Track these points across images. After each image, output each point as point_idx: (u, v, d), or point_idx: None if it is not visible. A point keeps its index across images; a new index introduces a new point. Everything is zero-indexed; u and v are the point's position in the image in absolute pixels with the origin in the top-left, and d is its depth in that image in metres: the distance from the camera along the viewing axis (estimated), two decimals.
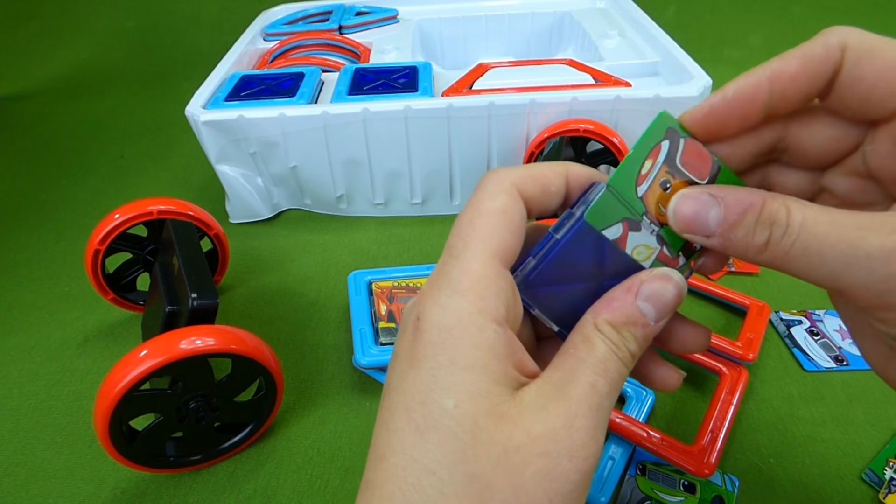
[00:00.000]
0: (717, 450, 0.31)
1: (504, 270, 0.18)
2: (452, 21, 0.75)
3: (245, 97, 0.52)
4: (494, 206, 0.18)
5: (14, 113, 0.86)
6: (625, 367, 0.18)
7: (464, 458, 0.16)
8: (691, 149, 0.19)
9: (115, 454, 0.31)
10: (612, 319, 0.18)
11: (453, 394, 0.16)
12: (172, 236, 0.38)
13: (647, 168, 0.19)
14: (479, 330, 0.17)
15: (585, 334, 0.18)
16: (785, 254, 0.16)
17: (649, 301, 0.18)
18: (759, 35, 0.93)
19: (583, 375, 0.17)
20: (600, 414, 0.17)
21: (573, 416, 0.17)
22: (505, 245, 0.18)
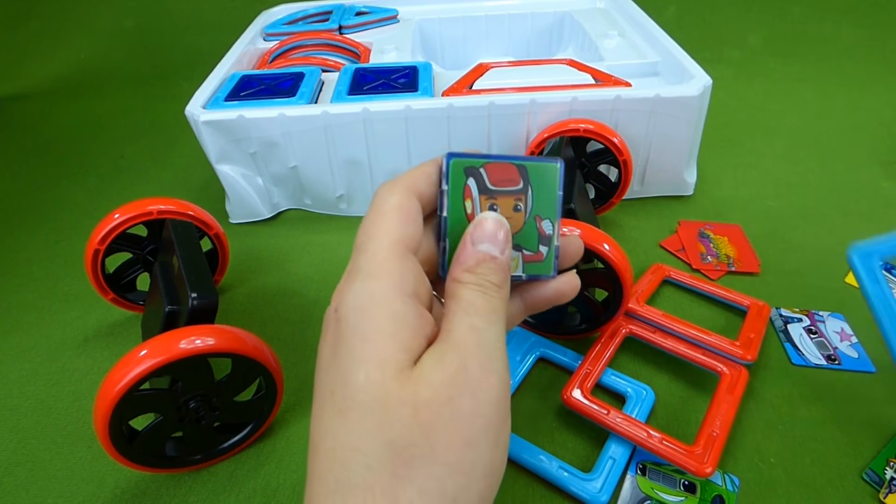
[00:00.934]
0: (717, 450, 0.31)
1: (408, 253, 0.20)
2: (452, 21, 0.75)
3: (245, 97, 0.52)
4: (390, 204, 0.21)
5: (14, 113, 0.86)
6: (494, 297, 0.20)
7: (380, 427, 0.17)
8: (493, 171, 0.22)
9: (114, 454, 0.31)
10: (464, 267, 0.20)
11: (364, 367, 0.18)
12: (172, 236, 0.38)
13: (469, 207, 0.22)
14: (389, 302, 0.19)
15: (450, 291, 0.21)
16: None
17: (483, 240, 0.21)
18: (759, 35, 0.93)
19: (457, 322, 0.19)
20: (488, 346, 0.19)
21: (463, 357, 0.18)
22: (405, 233, 0.20)
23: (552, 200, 0.23)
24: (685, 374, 0.39)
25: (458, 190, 0.22)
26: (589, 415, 0.34)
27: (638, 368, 0.39)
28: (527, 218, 0.23)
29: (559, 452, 0.34)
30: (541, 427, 0.36)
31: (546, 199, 0.23)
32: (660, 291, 0.46)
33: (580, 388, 0.35)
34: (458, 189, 0.22)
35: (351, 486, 0.17)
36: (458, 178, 0.22)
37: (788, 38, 0.91)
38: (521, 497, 0.32)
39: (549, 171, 0.23)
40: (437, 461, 0.17)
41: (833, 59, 0.85)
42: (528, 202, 0.23)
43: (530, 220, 0.23)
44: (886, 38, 0.89)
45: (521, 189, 0.23)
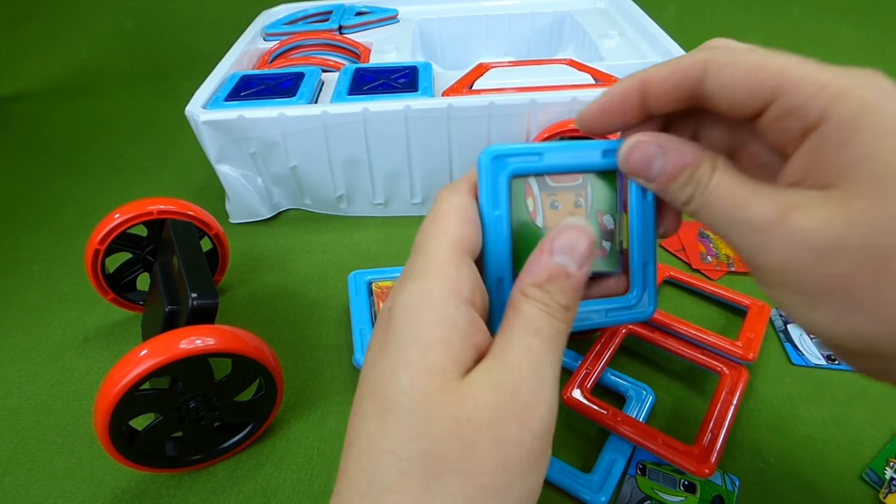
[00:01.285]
0: (717, 450, 0.31)
1: (465, 256, 0.19)
2: (452, 21, 0.75)
3: (245, 97, 0.52)
4: (451, 205, 0.20)
5: (14, 113, 0.86)
6: (559, 319, 0.19)
7: (418, 435, 0.17)
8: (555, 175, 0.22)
9: (114, 454, 0.31)
10: (534, 281, 0.19)
11: (410, 372, 0.17)
12: (172, 236, 0.38)
13: (531, 205, 0.22)
14: (443, 306, 0.18)
15: (514, 303, 0.19)
16: (697, 211, 0.19)
17: (563, 252, 0.19)
18: (759, 35, 0.92)
19: (517, 340, 0.18)
20: (543, 373, 0.18)
21: (516, 381, 0.17)
22: (464, 234, 0.19)
23: (611, 195, 0.23)
24: (685, 374, 0.39)
25: (519, 188, 0.22)
26: (589, 415, 0.34)
27: (638, 368, 0.39)
28: (588, 213, 0.23)
29: (559, 452, 0.34)
30: None
31: (605, 195, 0.23)
32: (660, 291, 0.46)
33: (580, 388, 0.35)
34: (519, 188, 0.22)
35: (383, 490, 0.16)
36: (520, 184, 0.22)
37: (788, 38, 0.91)
38: None
39: (608, 177, 0.23)
40: (471, 481, 0.16)
41: (833, 59, 0.85)
42: (588, 198, 0.22)
43: (592, 215, 0.23)
44: (886, 38, 0.89)
45: (580, 185, 0.22)
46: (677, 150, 0.20)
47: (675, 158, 0.20)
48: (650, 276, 0.24)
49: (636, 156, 0.20)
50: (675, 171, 0.20)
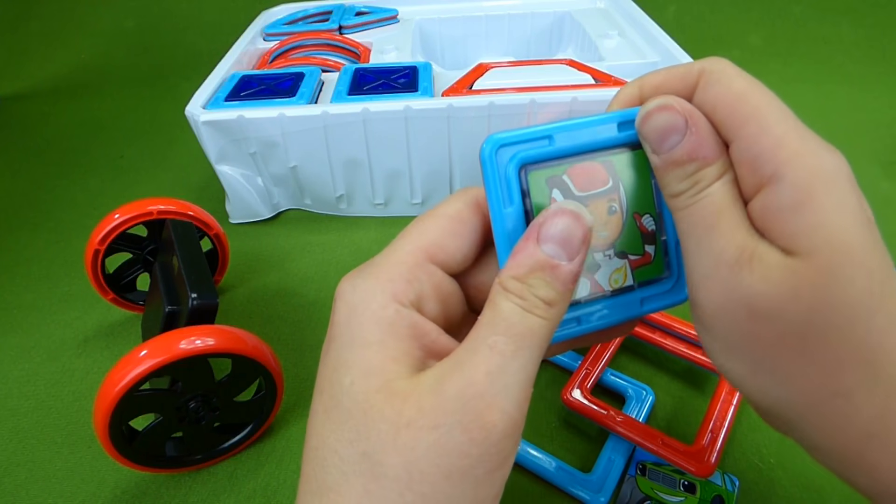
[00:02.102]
0: (717, 450, 0.31)
1: (430, 265, 0.18)
2: (452, 21, 0.75)
3: (245, 97, 0.52)
4: (445, 211, 0.19)
5: (14, 113, 0.86)
6: (536, 317, 0.17)
7: (357, 436, 0.16)
8: (577, 174, 0.19)
9: (115, 454, 0.31)
10: (515, 273, 0.17)
11: (350, 371, 0.17)
12: (172, 236, 0.38)
13: None
14: (381, 307, 0.17)
15: (491, 298, 0.17)
16: (678, 209, 0.18)
17: (551, 241, 0.17)
18: (759, 35, 0.93)
19: (481, 338, 0.16)
20: (504, 378, 0.16)
21: (466, 384, 0.16)
22: (441, 244, 0.18)
23: (647, 190, 0.20)
24: (685, 374, 0.39)
25: (539, 185, 0.19)
26: (589, 415, 0.34)
27: (638, 368, 0.39)
28: (625, 218, 0.19)
29: (559, 452, 0.34)
30: (541, 427, 0.36)
31: (641, 192, 0.19)
32: None
33: (580, 388, 0.35)
34: (543, 204, 0.18)
35: (328, 490, 0.16)
36: (541, 190, 0.18)
37: (788, 38, 0.91)
38: (520, 497, 0.32)
39: (638, 159, 0.19)
40: (410, 489, 0.15)
41: (833, 59, 0.85)
42: (622, 200, 0.19)
43: (629, 220, 0.20)
44: (886, 38, 0.89)
45: (612, 188, 0.19)
46: (700, 134, 0.17)
47: (694, 143, 0.17)
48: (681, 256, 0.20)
49: (660, 120, 0.18)
50: (686, 158, 0.17)
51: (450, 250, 0.19)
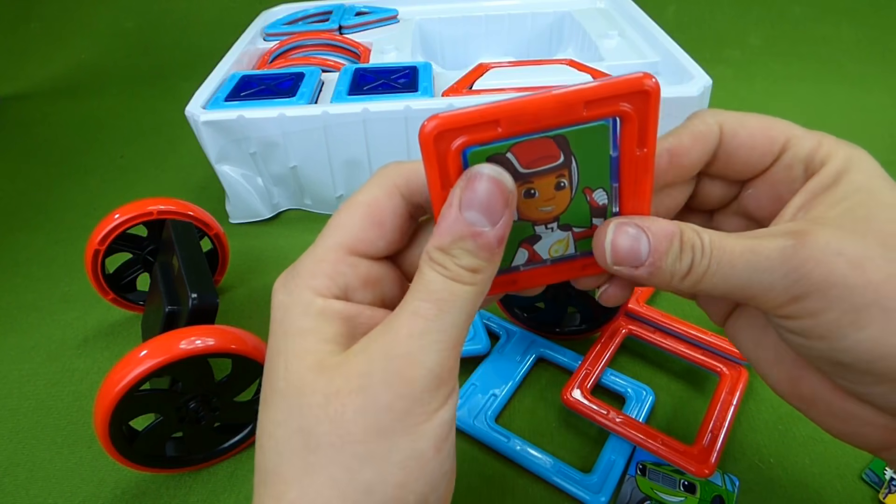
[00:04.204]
0: (717, 450, 0.31)
1: (351, 258, 0.19)
2: (452, 21, 0.75)
3: (245, 97, 0.52)
4: (363, 199, 0.19)
5: (14, 113, 0.86)
6: (460, 284, 0.17)
7: (292, 415, 0.17)
8: (523, 152, 0.18)
9: (115, 454, 0.31)
10: (439, 243, 0.17)
11: (286, 357, 0.17)
12: (172, 236, 0.38)
13: None
14: (309, 302, 0.18)
15: (419, 268, 0.17)
16: (704, 273, 0.18)
17: (473, 208, 0.17)
18: (759, 35, 0.93)
19: (405, 305, 0.17)
20: (426, 337, 0.16)
21: (390, 346, 0.17)
22: (360, 236, 0.19)
23: (604, 166, 0.19)
24: (685, 374, 0.39)
25: None
26: (589, 415, 0.34)
27: (638, 368, 0.39)
28: (573, 194, 0.19)
29: (559, 452, 0.34)
30: (540, 427, 0.36)
31: (596, 167, 0.19)
32: (660, 291, 0.46)
33: (580, 389, 0.35)
34: None
35: (270, 474, 0.17)
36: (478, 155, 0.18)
37: (788, 38, 0.91)
38: (520, 497, 0.32)
39: (597, 134, 0.18)
40: (345, 451, 0.16)
41: (833, 59, 0.85)
42: (573, 175, 0.19)
43: (578, 194, 0.19)
44: (886, 38, 0.89)
45: (562, 163, 0.18)
46: (654, 223, 0.18)
47: (658, 231, 0.18)
48: None
49: (624, 243, 0.18)
50: (665, 245, 0.18)
51: (370, 240, 0.19)
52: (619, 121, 0.18)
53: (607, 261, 0.19)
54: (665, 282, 0.19)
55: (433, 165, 0.17)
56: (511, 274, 0.21)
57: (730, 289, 0.18)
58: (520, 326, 0.42)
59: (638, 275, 0.19)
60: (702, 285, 0.18)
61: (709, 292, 0.18)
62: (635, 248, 0.18)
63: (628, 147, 0.18)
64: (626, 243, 0.18)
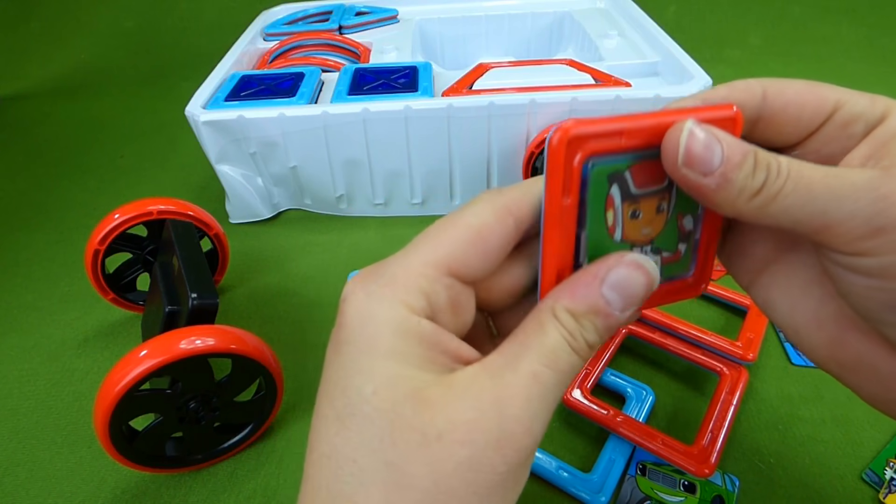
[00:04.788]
0: (717, 450, 0.31)
1: (448, 279, 0.18)
2: (452, 21, 0.75)
3: (245, 97, 0.52)
4: (470, 221, 0.18)
5: (13, 113, 0.86)
6: (579, 358, 0.17)
7: (381, 445, 0.16)
8: (639, 172, 0.18)
9: (115, 454, 0.31)
10: (572, 307, 0.17)
11: (371, 379, 0.16)
12: (172, 236, 0.38)
13: (611, 219, 0.19)
14: (400, 317, 0.17)
15: (540, 320, 0.17)
16: (777, 193, 0.17)
17: (615, 290, 0.17)
18: (759, 35, 0.93)
19: (526, 362, 0.16)
20: (540, 406, 0.16)
21: (505, 405, 0.16)
22: (462, 259, 0.18)
23: None
24: (685, 374, 0.39)
25: (600, 200, 0.18)
26: (589, 415, 0.34)
27: (638, 368, 0.39)
28: (668, 217, 0.19)
29: (559, 452, 0.34)
30: None
31: None
32: None
33: (580, 388, 0.35)
34: (600, 198, 0.18)
35: (343, 499, 0.16)
36: (600, 186, 0.18)
37: (788, 38, 0.91)
38: (521, 497, 0.32)
39: None
40: (436, 500, 0.15)
41: (833, 59, 0.85)
42: (671, 200, 0.19)
43: (672, 218, 0.20)
44: (886, 38, 0.89)
45: (665, 187, 0.19)
46: (730, 139, 0.17)
47: (734, 143, 0.17)
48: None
49: (697, 145, 0.17)
50: (738, 157, 0.17)
51: (471, 264, 0.18)
52: None
53: (678, 160, 0.17)
54: (731, 198, 0.17)
55: (558, 174, 0.17)
56: None
57: (803, 216, 0.17)
58: None
59: (705, 184, 0.17)
60: (772, 208, 0.17)
61: (776, 218, 0.17)
62: (708, 154, 0.17)
63: None
64: (699, 146, 0.17)
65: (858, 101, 0.18)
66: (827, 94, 0.19)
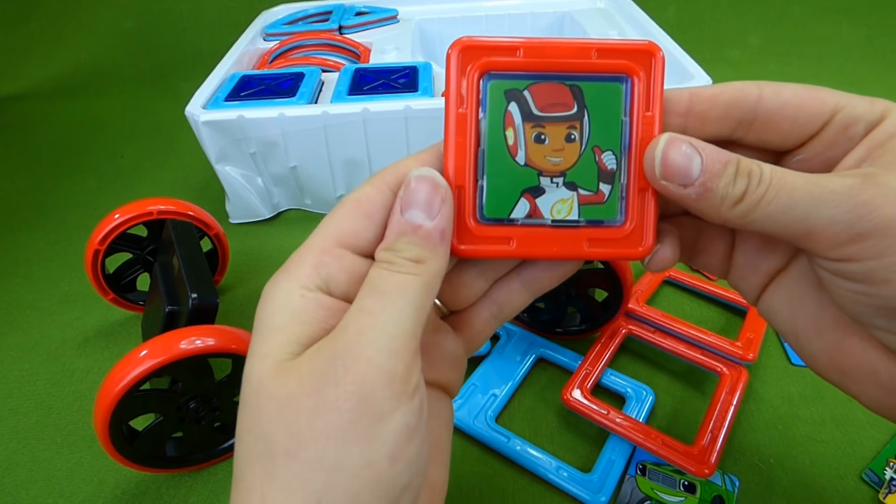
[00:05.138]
0: (717, 450, 0.31)
1: (338, 249, 0.18)
2: (452, 21, 0.75)
3: (245, 97, 0.52)
4: (352, 196, 0.19)
5: (14, 113, 0.86)
6: (406, 273, 0.17)
7: (254, 420, 0.16)
8: (540, 93, 0.19)
9: (115, 454, 0.31)
10: (384, 245, 0.18)
11: (252, 360, 0.17)
12: (172, 236, 0.38)
13: (511, 137, 0.19)
14: (287, 295, 0.17)
15: None
16: (759, 200, 0.17)
17: (410, 207, 0.18)
18: (759, 35, 0.93)
19: (353, 306, 0.17)
20: (373, 332, 0.16)
21: (338, 344, 0.16)
22: (348, 227, 0.18)
23: (615, 127, 0.19)
24: (685, 374, 0.39)
25: (498, 115, 0.19)
26: (589, 415, 0.34)
27: (638, 368, 0.39)
28: (583, 149, 0.19)
29: (559, 452, 0.34)
30: (540, 427, 0.36)
31: (608, 127, 0.19)
32: (660, 291, 0.46)
33: (580, 389, 0.35)
34: (498, 114, 0.19)
35: (239, 480, 0.16)
36: (497, 102, 0.18)
37: (788, 38, 0.91)
38: (520, 497, 0.32)
39: (611, 93, 0.19)
40: (298, 457, 0.15)
41: (833, 59, 0.85)
42: (584, 130, 0.19)
43: (587, 151, 0.19)
44: (886, 38, 0.89)
45: (574, 114, 0.19)
46: (710, 147, 0.18)
47: (713, 152, 0.18)
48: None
49: (675, 156, 0.18)
50: (719, 167, 0.17)
51: (357, 230, 0.19)
52: (630, 84, 0.19)
53: (656, 173, 0.18)
54: (714, 207, 0.18)
55: (453, 83, 0.18)
56: (508, 227, 0.20)
57: (786, 222, 0.17)
58: (520, 326, 0.42)
59: (686, 194, 0.18)
60: (755, 214, 0.17)
61: (761, 225, 0.17)
62: (687, 164, 0.18)
63: (637, 110, 0.19)
64: (677, 157, 0.18)
65: (858, 103, 0.19)
66: (825, 97, 0.19)
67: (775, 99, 0.19)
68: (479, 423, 0.35)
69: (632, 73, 0.19)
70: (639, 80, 0.19)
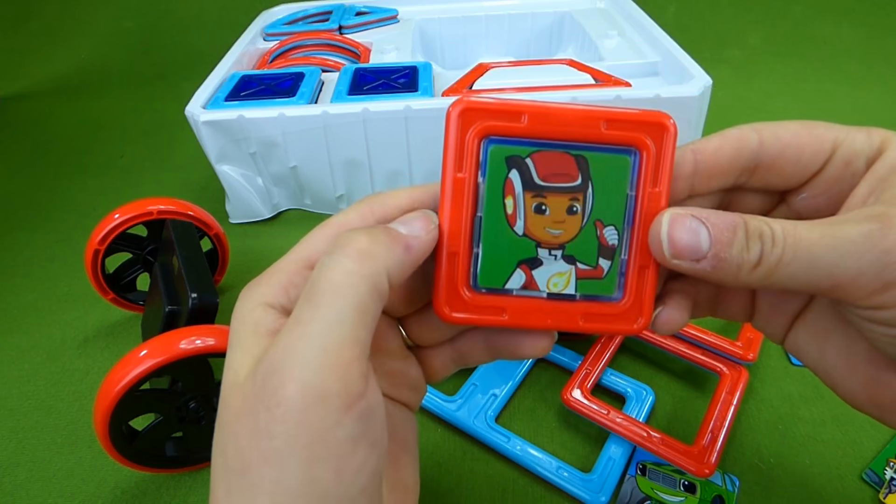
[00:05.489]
0: (717, 450, 0.31)
1: (306, 270, 0.18)
2: (452, 21, 0.75)
3: (245, 97, 0.52)
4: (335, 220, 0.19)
5: (14, 113, 0.86)
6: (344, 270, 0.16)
7: (217, 433, 0.17)
8: (543, 161, 0.18)
9: (115, 454, 0.31)
10: None
11: (225, 370, 0.17)
12: (172, 236, 0.38)
13: (511, 206, 0.18)
14: (250, 311, 0.18)
15: None
16: (777, 262, 0.17)
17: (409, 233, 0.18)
18: (759, 35, 0.93)
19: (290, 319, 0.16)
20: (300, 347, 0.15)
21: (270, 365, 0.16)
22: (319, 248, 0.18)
23: (619, 202, 0.18)
24: (685, 374, 0.39)
25: (498, 182, 0.18)
26: (589, 415, 0.34)
27: (638, 368, 0.39)
28: (584, 223, 0.18)
29: (559, 452, 0.34)
30: (541, 427, 0.36)
31: (612, 201, 0.18)
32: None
33: (580, 389, 0.35)
34: (498, 181, 0.18)
35: (211, 491, 0.17)
36: (498, 169, 0.18)
37: (788, 38, 0.91)
38: (520, 497, 0.32)
39: (618, 165, 0.18)
40: (245, 478, 0.15)
41: (833, 59, 0.85)
42: (587, 202, 0.18)
43: (588, 225, 0.18)
44: (886, 38, 0.89)
45: (578, 186, 0.18)
46: (713, 213, 0.17)
47: (719, 221, 0.17)
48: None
49: (682, 233, 0.17)
50: (728, 235, 0.17)
51: None
52: (638, 157, 0.18)
53: (665, 254, 0.17)
54: (732, 275, 0.17)
55: (452, 145, 0.18)
56: (502, 296, 0.19)
57: (811, 279, 0.16)
58: None
59: (700, 268, 0.17)
60: (776, 276, 0.17)
61: (785, 284, 0.17)
62: (695, 239, 0.17)
63: (643, 185, 0.18)
64: (684, 234, 0.17)
65: (856, 137, 0.18)
66: (823, 134, 0.19)
67: (776, 143, 0.19)
68: (479, 423, 0.35)
69: (641, 146, 0.18)
70: (648, 154, 0.18)
